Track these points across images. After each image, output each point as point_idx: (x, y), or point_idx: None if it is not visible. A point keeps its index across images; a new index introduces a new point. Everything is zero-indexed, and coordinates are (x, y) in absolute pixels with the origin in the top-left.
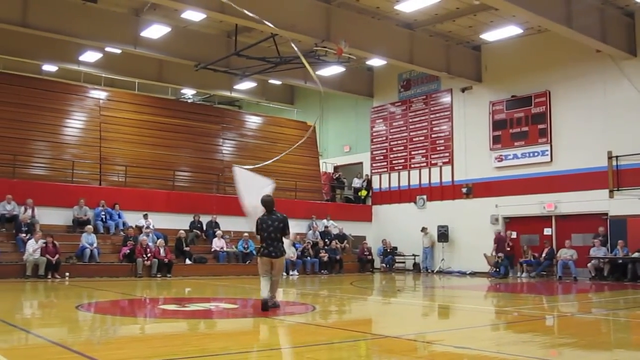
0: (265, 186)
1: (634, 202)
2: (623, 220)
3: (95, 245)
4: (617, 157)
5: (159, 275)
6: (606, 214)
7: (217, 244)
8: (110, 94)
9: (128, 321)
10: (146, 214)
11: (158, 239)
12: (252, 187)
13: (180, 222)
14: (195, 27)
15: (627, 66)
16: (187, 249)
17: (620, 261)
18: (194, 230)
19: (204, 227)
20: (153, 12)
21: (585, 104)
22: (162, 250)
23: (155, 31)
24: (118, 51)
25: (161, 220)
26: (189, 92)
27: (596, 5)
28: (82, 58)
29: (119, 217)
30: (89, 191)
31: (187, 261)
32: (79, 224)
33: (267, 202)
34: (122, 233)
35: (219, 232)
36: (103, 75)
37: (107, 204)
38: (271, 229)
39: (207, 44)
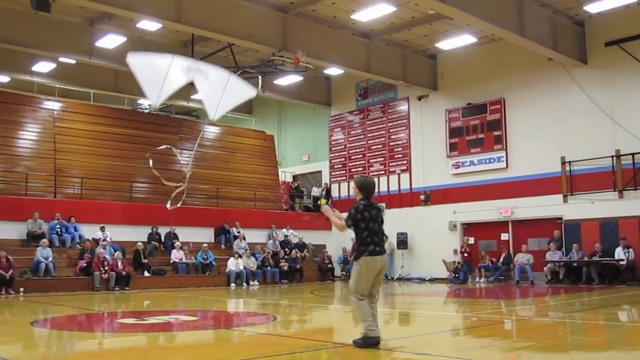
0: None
1: (587, 207)
2: (577, 224)
3: (50, 259)
4: (570, 162)
5: (117, 289)
6: (561, 219)
7: (176, 255)
8: (64, 105)
9: (85, 336)
10: (103, 227)
11: (115, 251)
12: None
13: (138, 234)
14: (152, 37)
15: (578, 74)
16: (145, 261)
17: (575, 264)
18: (152, 242)
19: (163, 239)
20: (108, 22)
21: (539, 110)
22: (119, 263)
23: (111, 41)
24: (72, 61)
25: (119, 233)
26: (145, 102)
27: (548, 15)
28: (35, 68)
29: (75, 230)
30: (44, 204)
31: (146, 273)
32: (34, 238)
33: (370, 185)
34: (78, 246)
35: (177, 244)
36: (57, 85)
37: (63, 217)
38: (380, 220)
39: (163, 54)
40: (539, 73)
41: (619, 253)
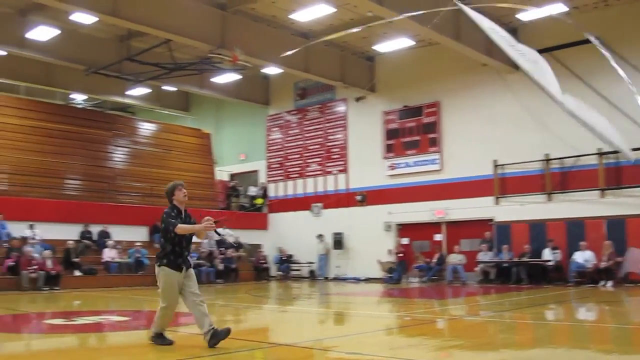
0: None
1: (517, 209)
2: (507, 225)
3: None
4: (502, 165)
5: (45, 288)
6: (492, 220)
7: (108, 254)
8: None
9: (12, 338)
10: (32, 224)
11: (45, 250)
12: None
13: (69, 232)
14: (86, 30)
15: (510, 79)
16: (76, 260)
17: (505, 265)
18: (84, 241)
19: (95, 237)
20: (40, 13)
21: (473, 114)
22: (49, 262)
23: (43, 33)
24: (2, 52)
25: (49, 231)
26: (79, 97)
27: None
28: None
29: (3, 228)
30: None
31: (76, 273)
32: None
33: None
34: (5, 245)
35: (110, 242)
36: None
37: None
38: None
39: (99, 48)
40: (473, 77)
41: (547, 254)
